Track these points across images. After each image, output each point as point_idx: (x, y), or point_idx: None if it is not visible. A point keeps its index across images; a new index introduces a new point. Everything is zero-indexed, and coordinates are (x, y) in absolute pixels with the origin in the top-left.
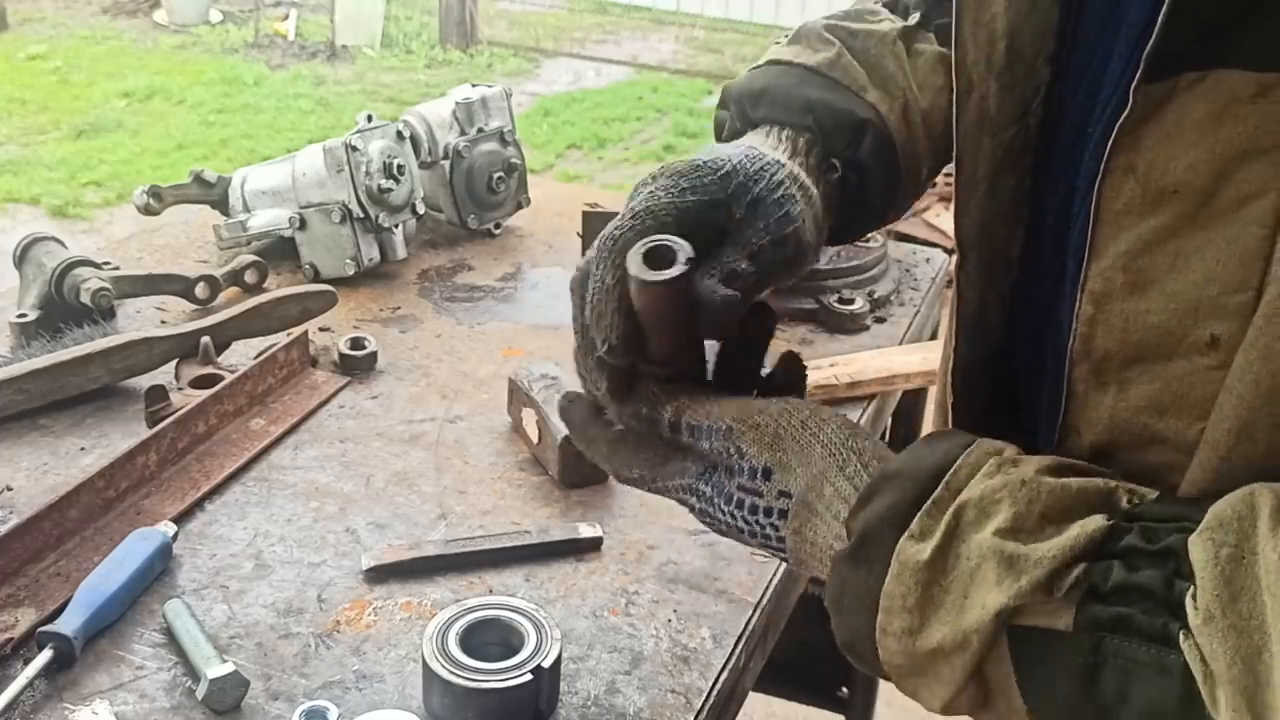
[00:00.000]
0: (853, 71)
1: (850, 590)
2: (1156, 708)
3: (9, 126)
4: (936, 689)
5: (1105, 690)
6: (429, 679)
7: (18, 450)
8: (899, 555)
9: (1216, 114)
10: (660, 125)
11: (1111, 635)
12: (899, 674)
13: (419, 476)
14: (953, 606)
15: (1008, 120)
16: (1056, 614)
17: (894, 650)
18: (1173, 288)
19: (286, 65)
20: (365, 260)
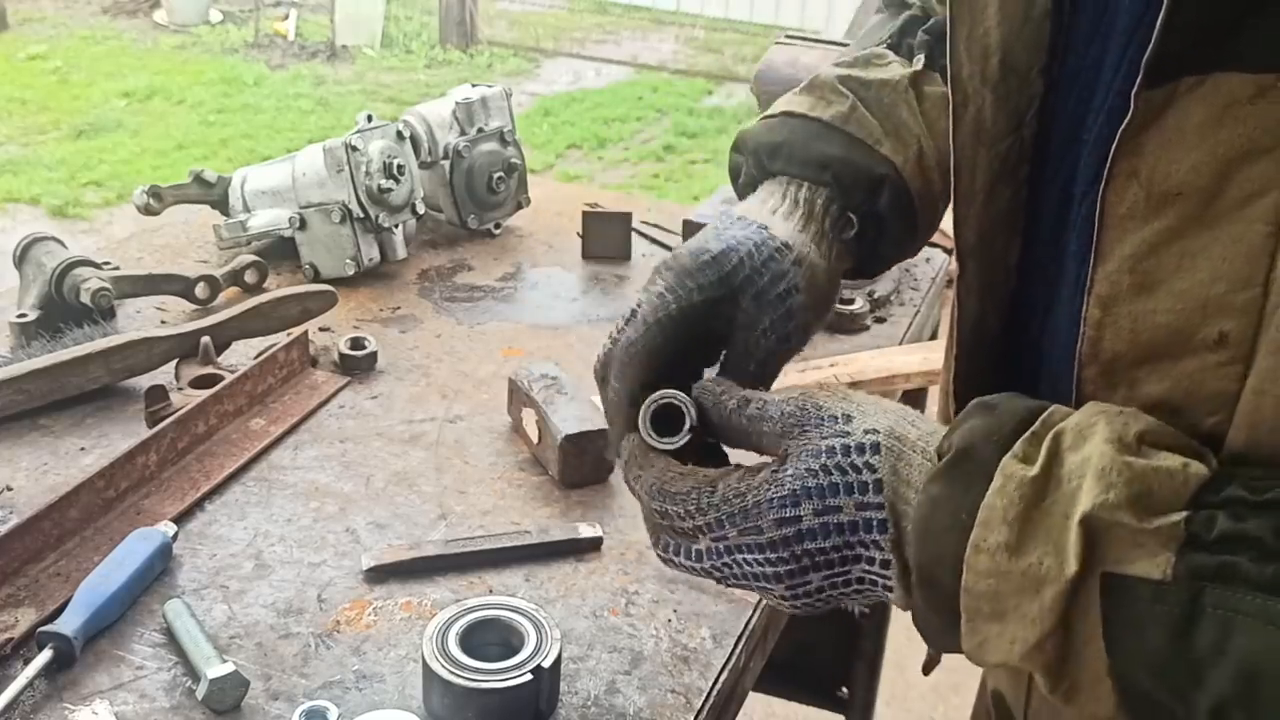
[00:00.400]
0: (867, 124)
1: (942, 507)
2: (1257, 660)
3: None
4: (1017, 631)
5: (1200, 643)
6: (429, 679)
7: (18, 450)
8: (1004, 469)
9: (1216, 116)
10: (660, 125)
11: (1213, 585)
12: (975, 607)
13: (419, 476)
14: (1053, 528)
15: (1003, 132)
16: (1152, 560)
17: (983, 570)
18: (1180, 287)
19: (286, 65)
20: (365, 260)
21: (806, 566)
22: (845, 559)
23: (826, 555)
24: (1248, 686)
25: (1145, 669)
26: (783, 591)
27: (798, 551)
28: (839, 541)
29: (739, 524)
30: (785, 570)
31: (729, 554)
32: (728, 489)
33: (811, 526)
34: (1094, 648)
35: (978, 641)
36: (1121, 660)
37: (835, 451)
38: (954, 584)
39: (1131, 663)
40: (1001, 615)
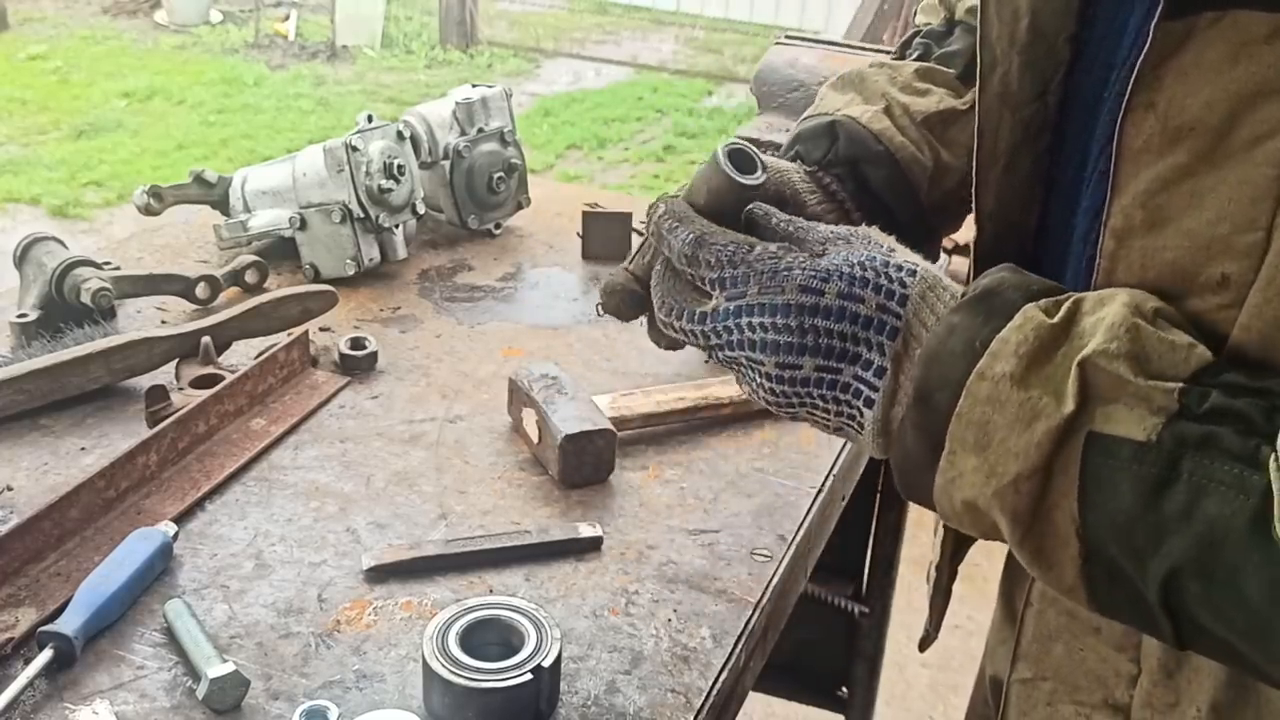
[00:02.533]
0: (828, 102)
1: (958, 334)
2: (1221, 526)
3: (9, 126)
4: (999, 463)
5: (1170, 505)
6: (429, 679)
7: (18, 450)
8: (1025, 311)
9: (1233, 53)
10: (660, 125)
11: (1195, 452)
12: (962, 435)
13: (419, 476)
14: (1058, 374)
15: (1028, 96)
16: (1139, 423)
17: (983, 397)
18: (1188, 225)
19: (287, 65)
20: (365, 260)
21: (806, 345)
22: (845, 353)
23: (831, 340)
24: (1207, 552)
25: (1112, 529)
26: (770, 368)
27: (807, 324)
28: (849, 330)
29: (764, 283)
30: (785, 341)
31: (737, 316)
32: (765, 250)
33: (830, 305)
34: (1067, 503)
35: (952, 476)
36: (1092, 518)
37: (875, 260)
38: (948, 408)
39: (1100, 521)
40: (985, 446)
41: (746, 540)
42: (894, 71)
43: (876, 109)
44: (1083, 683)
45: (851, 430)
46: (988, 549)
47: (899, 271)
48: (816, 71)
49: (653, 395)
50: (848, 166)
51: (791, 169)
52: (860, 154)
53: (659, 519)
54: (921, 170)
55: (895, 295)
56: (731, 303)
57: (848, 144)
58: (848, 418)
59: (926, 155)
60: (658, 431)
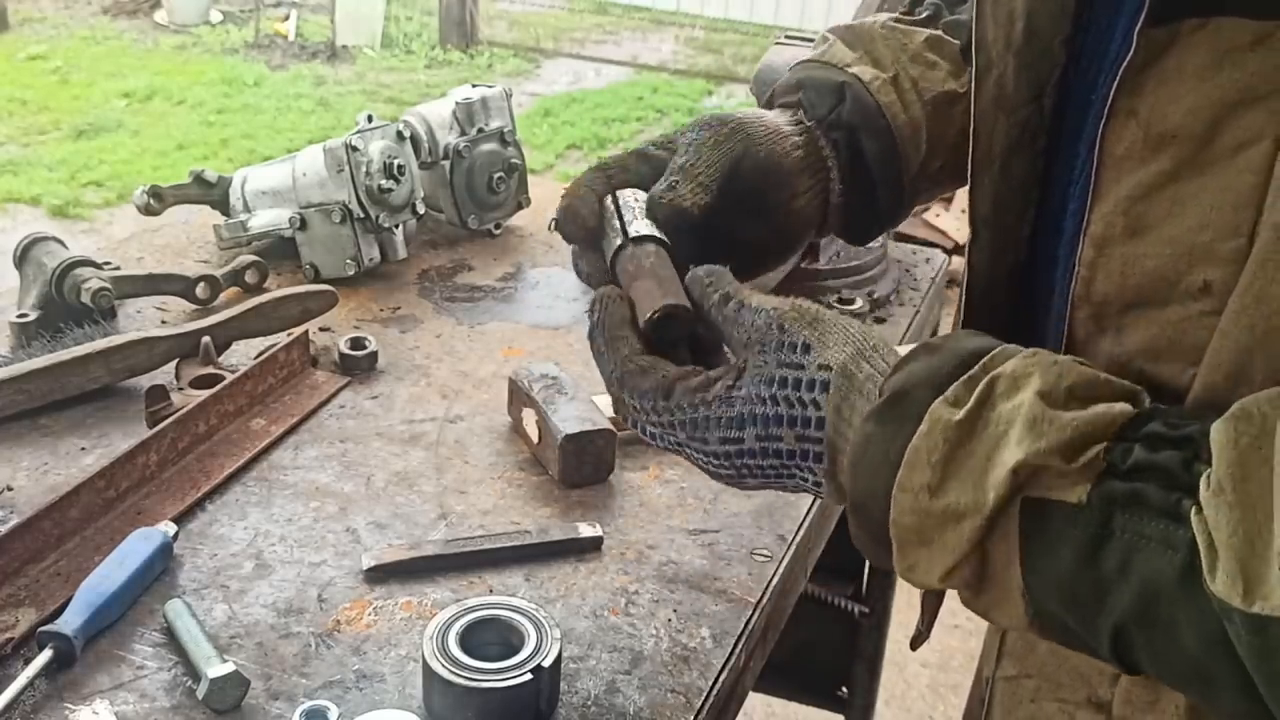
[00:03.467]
0: (838, 53)
1: (875, 446)
2: (1155, 581)
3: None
4: (939, 557)
5: (1107, 564)
6: (429, 679)
7: (18, 450)
8: (931, 414)
9: (1215, 60)
10: (660, 125)
11: (1124, 510)
12: (903, 537)
13: (419, 476)
14: (975, 468)
15: (1023, 99)
16: (1072, 487)
17: (907, 508)
18: (1169, 233)
19: (287, 65)
20: (365, 260)
21: (745, 474)
22: (782, 476)
23: (764, 472)
24: (1146, 607)
25: (1055, 590)
26: (725, 476)
27: (739, 464)
28: (777, 464)
29: (688, 431)
30: (726, 474)
31: (679, 447)
32: (682, 398)
33: (753, 448)
34: (1011, 569)
35: (907, 565)
36: (1035, 580)
37: (786, 383)
38: (883, 515)
39: (1043, 584)
40: (927, 543)
41: (746, 540)
42: (905, 38)
43: (885, 77)
44: (1065, 680)
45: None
46: None
47: (811, 392)
48: None
49: None
50: (847, 132)
51: (787, 128)
52: (863, 124)
53: (659, 519)
54: (915, 153)
55: (811, 421)
56: (669, 437)
57: (854, 109)
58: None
59: (922, 138)
60: None
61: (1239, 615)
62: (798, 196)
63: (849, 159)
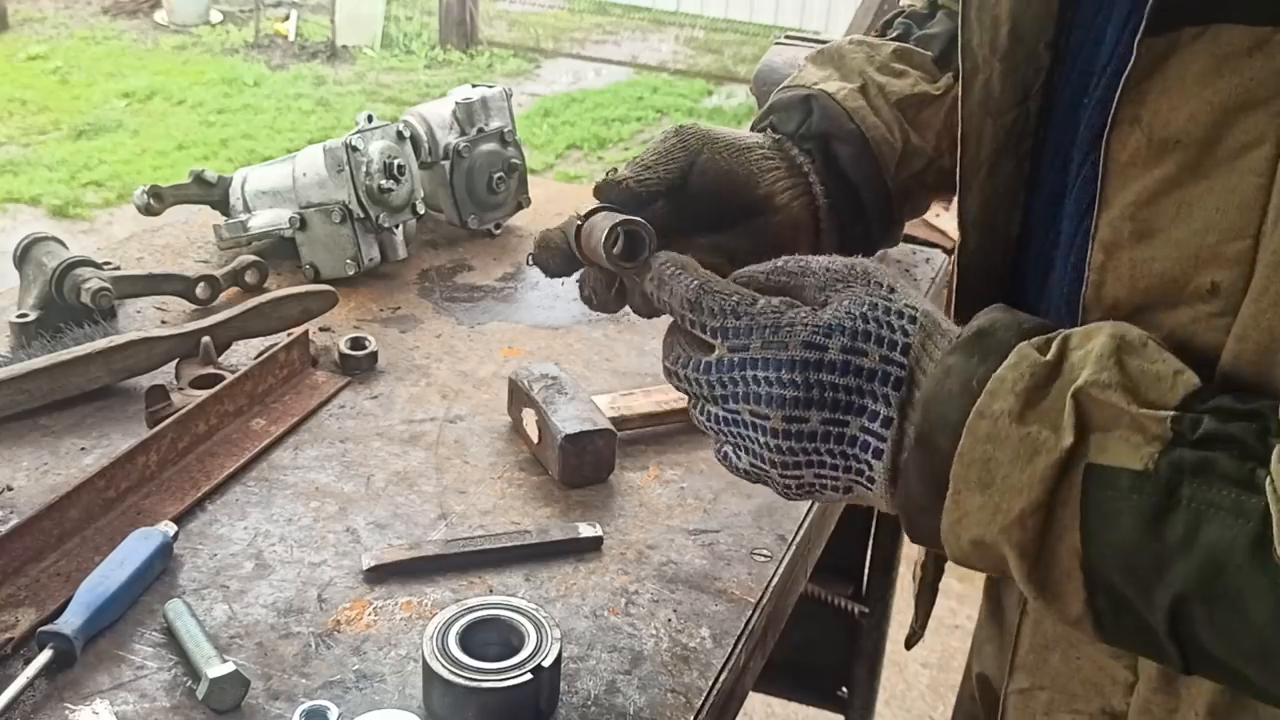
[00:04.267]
0: (806, 75)
1: (955, 375)
2: (1222, 552)
3: (9, 126)
4: (1002, 500)
5: (1170, 533)
6: (429, 679)
7: (18, 450)
8: (1019, 350)
9: (1215, 66)
10: (660, 125)
11: (1192, 479)
12: (965, 475)
13: (419, 476)
14: (1055, 408)
15: (1010, 103)
16: (1136, 453)
17: (983, 435)
18: (1176, 236)
19: (286, 65)
20: (365, 260)
21: (813, 399)
22: (851, 405)
23: (837, 393)
24: (1211, 578)
25: (1115, 559)
26: (777, 421)
27: (812, 379)
28: (854, 383)
29: (768, 337)
30: (791, 396)
31: (740, 368)
32: (768, 305)
33: (834, 359)
34: (1070, 536)
35: (958, 516)
36: (1094, 550)
37: (877, 307)
38: (950, 450)
39: (1103, 553)
40: (988, 485)
41: (746, 540)
42: (872, 50)
43: (852, 87)
44: (1079, 691)
45: (862, 486)
46: None
47: (900, 319)
48: None
49: (653, 395)
50: (819, 141)
51: (755, 143)
52: (832, 130)
53: (659, 519)
54: (890, 152)
55: (898, 345)
56: (735, 354)
57: (821, 119)
58: (856, 473)
59: (896, 137)
60: (658, 431)
61: None
62: (776, 197)
63: (825, 166)
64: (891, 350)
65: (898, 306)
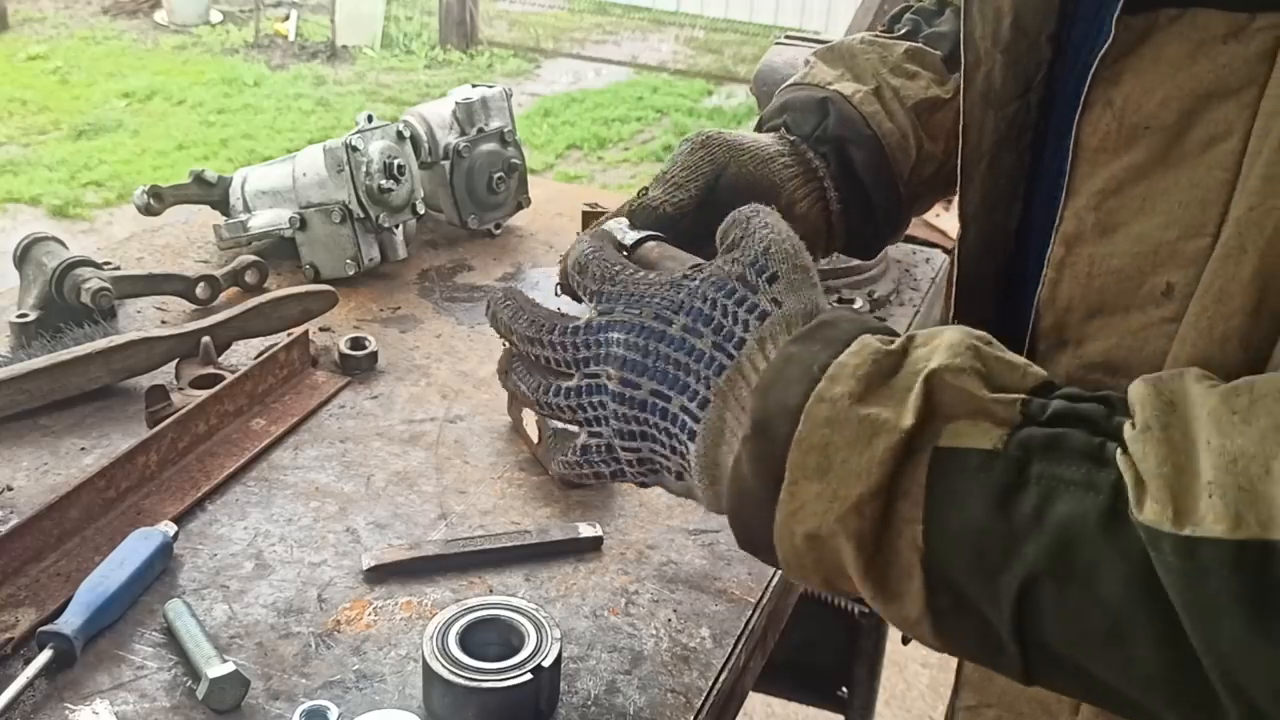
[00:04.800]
0: (818, 73)
1: (795, 362)
2: (1075, 526)
3: (9, 126)
4: (840, 488)
5: (1019, 512)
6: (429, 679)
7: (18, 450)
8: (862, 339)
9: (1190, 51)
10: (660, 125)
11: (1042, 456)
12: (803, 462)
13: (419, 476)
14: (896, 393)
15: (1011, 95)
16: (985, 435)
17: (821, 419)
18: (1137, 230)
19: (287, 65)
20: (365, 260)
21: (647, 367)
22: (676, 380)
23: (668, 365)
24: (1061, 553)
25: (960, 546)
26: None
27: (651, 346)
28: (684, 360)
29: (630, 302)
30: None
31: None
32: (642, 274)
33: (674, 335)
34: (911, 530)
35: (793, 508)
36: (937, 539)
37: (734, 294)
38: (787, 436)
39: (947, 542)
40: (826, 470)
41: None
42: (884, 50)
43: (867, 89)
44: (1025, 709)
45: (686, 475)
46: None
47: (750, 313)
48: None
49: None
50: (835, 145)
51: (772, 145)
52: (849, 135)
53: (659, 519)
54: (905, 158)
55: (734, 338)
56: (602, 317)
57: (838, 123)
58: (680, 455)
59: (911, 143)
60: None
61: (1169, 541)
62: (796, 205)
63: (839, 171)
64: (727, 341)
65: (757, 300)
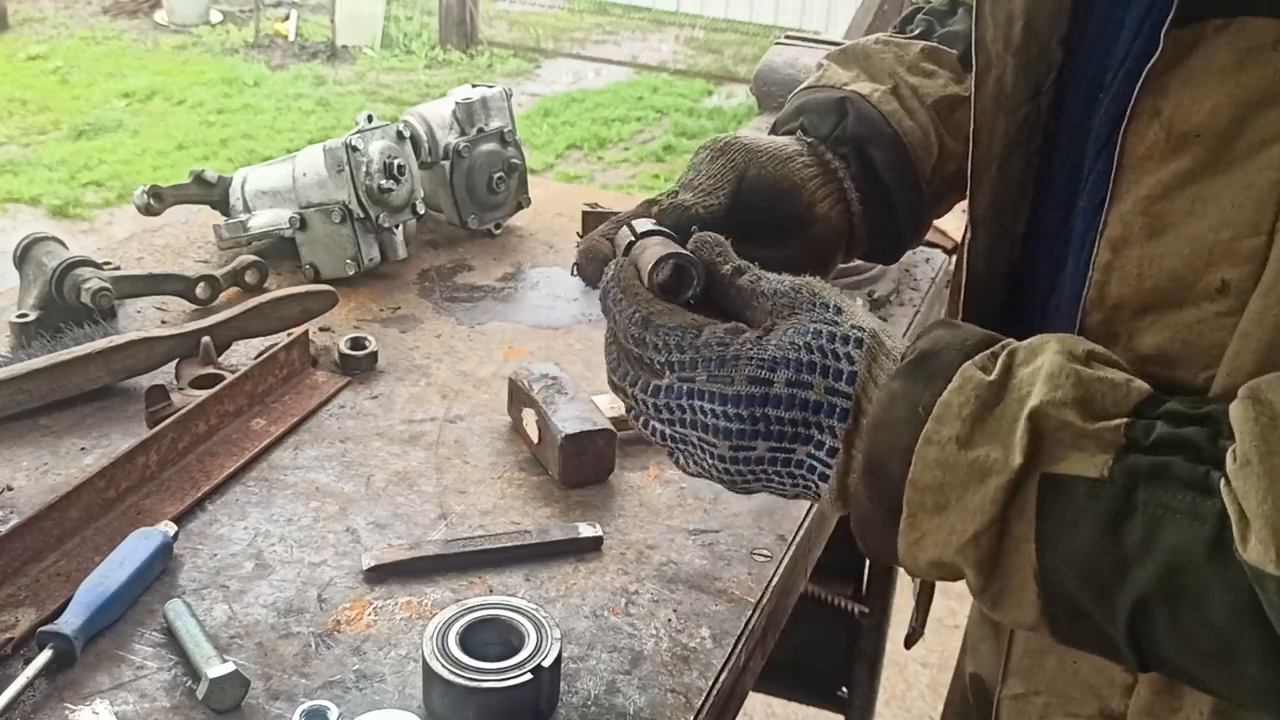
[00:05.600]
0: (833, 74)
1: (900, 400)
2: (1182, 555)
3: (9, 126)
4: (957, 523)
5: (1129, 539)
6: (429, 679)
7: (18, 450)
8: (963, 373)
9: (1239, 60)
10: (660, 125)
11: (1148, 484)
12: (919, 500)
13: (419, 476)
14: (1004, 428)
15: (1022, 98)
16: (1091, 460)
17: (931, 461)
18: (1188, 232)
19: (287, 65)
20: (365, 260)
21: (759, 431)
22: (797, 435)
23: (783, 425)
24: (1171, 579)
25: (1072, 568)
26: (724, 450)
27: (758, 413)
28: (799, 416)
29: (713, 370)
30: (738, 429)
31: (689, 397)
32: (712, 336)
33: (779, 394)
34: (1026, 548)
35: (916, 537)
36: (1050, 559)
37: (821, 335)
38: (901, 475)
39: (1059, 561)
40: (943, 508)
41: (746, 540)
42: (900, 50)
43: (884, 89)
44: (1076, 694)
45: (809, 497)
46: None
47: (846, 345)
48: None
49: None
50: (854, 145)
51: (795, 151)
52: (868, 134)
53: (659, 519)
54: (927, 156)
55: (844, 375)
56: (683, 384)
57: (857, 122)
58: (804, 488)
59: (933, 141)
60: None
61: (1273, 582)
62: (817, 205)
63: (860, 171)
64: (837, 380)
65: (843, 331)
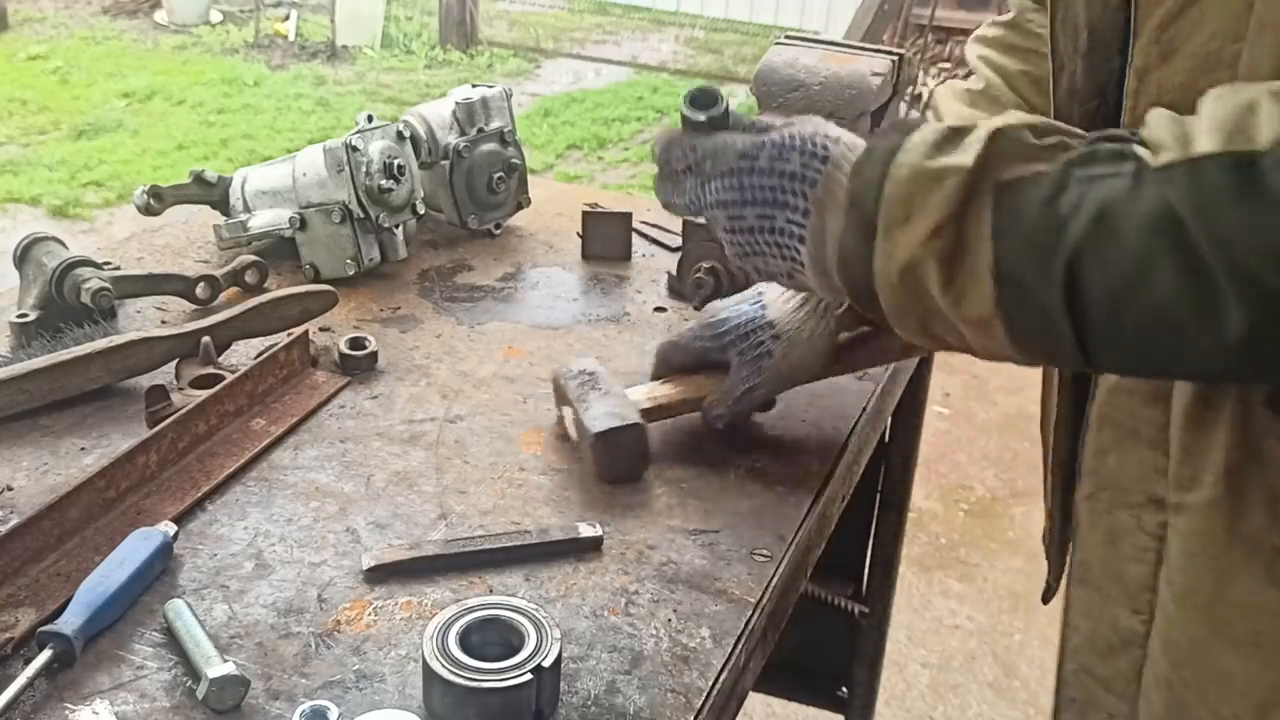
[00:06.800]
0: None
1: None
2: (1108, 202)
3: (9, 126)
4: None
5: (1064, 205)
6: (429, 679)
7: (18, 450)
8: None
9: None
10: (660, 125)
11: (1081, 165)
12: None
13: (419, 476)
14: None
15: (1091, 94)
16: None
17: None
18: (1190, 49)
19: (287, 65)
20: (365, 260)
21: (746, 199)
22: (776, 201)
23: (764, 192)
24: (1099, 226)
25: (1018, 243)
26: (725, 221)
27: (744, 182)
28: (778, 183)
29: (715, 159)
30: (731, 199)
31: (700, 188)
32: (716, 137)
33: (762, 165)
34: (983, 248)
35: (889, 249)
36: (1001, 242)
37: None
38: (877, 197)
39: (1009, 245)
40: (909, 215)
41: (746, 540)
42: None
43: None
44: (1130, 484)
45: (799, 272)
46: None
47: (825, 138)
48: (816, 72)
49: (687, 383)
50: None
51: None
52: None
53: (659, 519)
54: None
55: (818, 155)
56: (696, 179)
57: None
58: (791, 259)
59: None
60: (659, 431)
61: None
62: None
63: None
64: (811, 159)
65: (826, 132)
